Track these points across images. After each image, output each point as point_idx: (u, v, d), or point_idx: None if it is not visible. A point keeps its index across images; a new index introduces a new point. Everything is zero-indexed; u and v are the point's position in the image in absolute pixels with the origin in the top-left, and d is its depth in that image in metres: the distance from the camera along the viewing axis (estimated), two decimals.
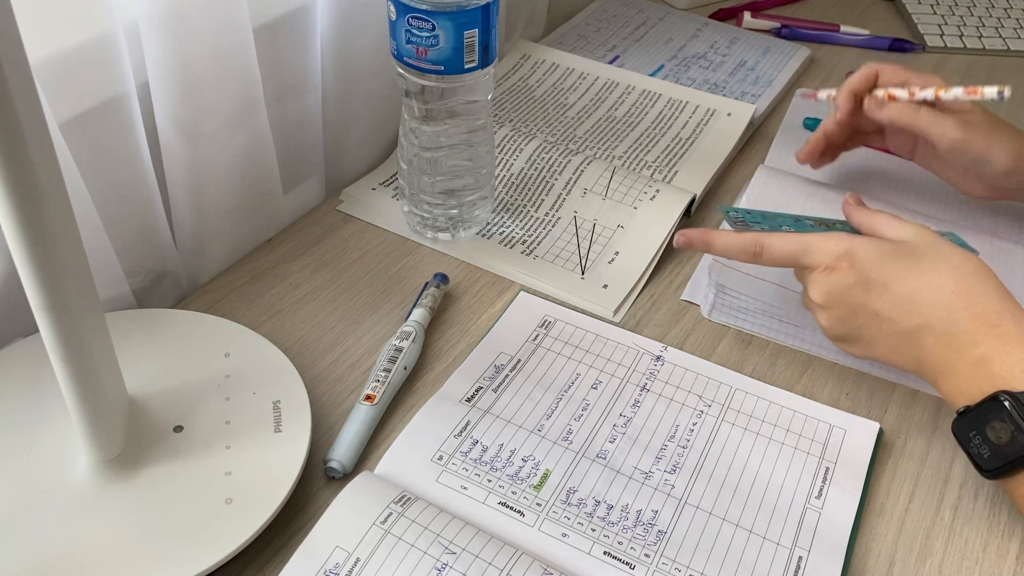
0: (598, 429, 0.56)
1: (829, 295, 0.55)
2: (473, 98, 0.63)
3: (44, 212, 0.40)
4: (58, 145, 0.50)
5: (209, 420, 0.52)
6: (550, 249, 0.70)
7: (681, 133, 0.83)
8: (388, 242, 0.71)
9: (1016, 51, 1.02)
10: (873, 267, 0.53)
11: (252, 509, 0.48)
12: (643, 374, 0.60)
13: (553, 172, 0.76)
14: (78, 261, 0.43)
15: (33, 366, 0.53)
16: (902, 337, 0.53)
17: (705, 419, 0.57)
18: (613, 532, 0.50)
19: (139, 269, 0.62)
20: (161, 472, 0.49)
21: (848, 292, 0.54)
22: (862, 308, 0.54)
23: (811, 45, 1.01)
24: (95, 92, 0.54)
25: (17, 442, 0.50)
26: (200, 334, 0.58)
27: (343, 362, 0.61)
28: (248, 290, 0.66)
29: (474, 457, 0.54)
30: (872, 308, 0.53)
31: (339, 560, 0.47)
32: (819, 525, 0.52)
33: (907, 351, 0.53)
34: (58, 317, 0.43)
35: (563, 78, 0.90)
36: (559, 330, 0.63)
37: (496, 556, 0.47)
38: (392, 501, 0.49)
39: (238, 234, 0.67)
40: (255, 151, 0.65)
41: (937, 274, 0.52)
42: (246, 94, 0.62)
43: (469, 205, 0.69)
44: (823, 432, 0.57)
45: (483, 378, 0.59)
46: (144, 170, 0.59)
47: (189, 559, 0.45)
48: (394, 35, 0.60)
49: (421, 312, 0.62)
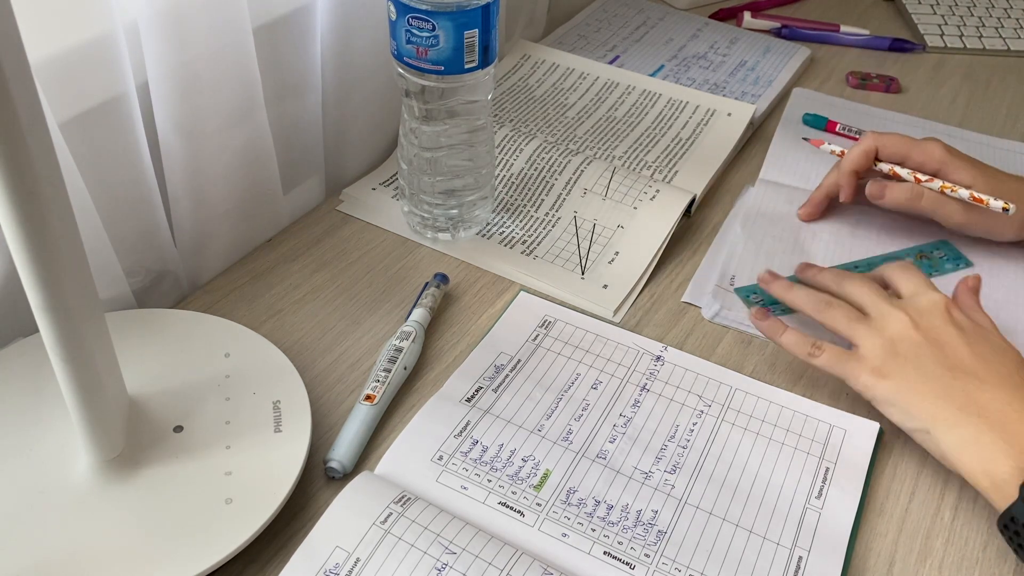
0: (598, 429, 0.56)
1: (903, 320, 0.55)
2: (473, 98, 0.63)
3: (44, 212, 0.40)
4: (58, 145, 0.50)
5: (209, 420, 0.52)
6: (550, 249, 0.70)
7: (681, 133, 0.83)
8: (388, 242, 0.71)
9: (1016, 51, 1.02)
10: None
11: (252, 509, 0.48)
12: (643, 374, 0.60)
13: (553, 172, 0.76)
14: (78, 261, 0.43)
15: (33, 366, 0.53)
16: (956, 379, 0.53)
17: (705, 419, 0.57)
18: (613, 532, 0.50)
19: (139, 269, 0.62)
20: (161, 472, 0.49)
21: (933, 318, 0.55)
22: (931, 341, 0.54)
23: (811, 45, 1.01)
24: (95, 92, 0.54)
25: (17, 442, 0.50)
26: (200, 334, 0.58)
27: (343, 362, 0.61)
28: (248, 290, 0.66)
29: (474, 457, 0.54)
30: (941, 341, 0.54)
31: (339, 560, 0.47)
32: (819, 525, 0.52)
33: (956, 396, 0.52)
34: (58, 317, 0.43)
35: (563, 78, 0.90)
36: (559, 330, 0.63)
37: (496, 556, 0.47)
38: (392, 501, 0.49)
39: (238, 234, 0.67)
40: (255, 151, 0.65)
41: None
42: (246, 94, 0.62)
43: (469, 205, 0.69)
44: (823, 432, 0.57)
45: (483, 378, 0.59)
46: (144, 170, 0.59)
47: (189, 559, 0.45)
48: (394, 35, 0.60)
49: (421, 312, 0.62)
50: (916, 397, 0.53)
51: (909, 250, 0.71)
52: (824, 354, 0.57)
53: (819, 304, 0.59)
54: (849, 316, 0.57)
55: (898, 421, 0.54)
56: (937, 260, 0.70)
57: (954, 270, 0.69)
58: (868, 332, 0.56)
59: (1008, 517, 0.48)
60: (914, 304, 0.57)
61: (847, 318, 0.57)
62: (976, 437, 0.50)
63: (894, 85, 0.94)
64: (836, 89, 0.94)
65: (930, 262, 0.70)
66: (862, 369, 0.55)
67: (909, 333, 0.55)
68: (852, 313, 0.58)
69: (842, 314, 0.58)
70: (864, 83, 0.94)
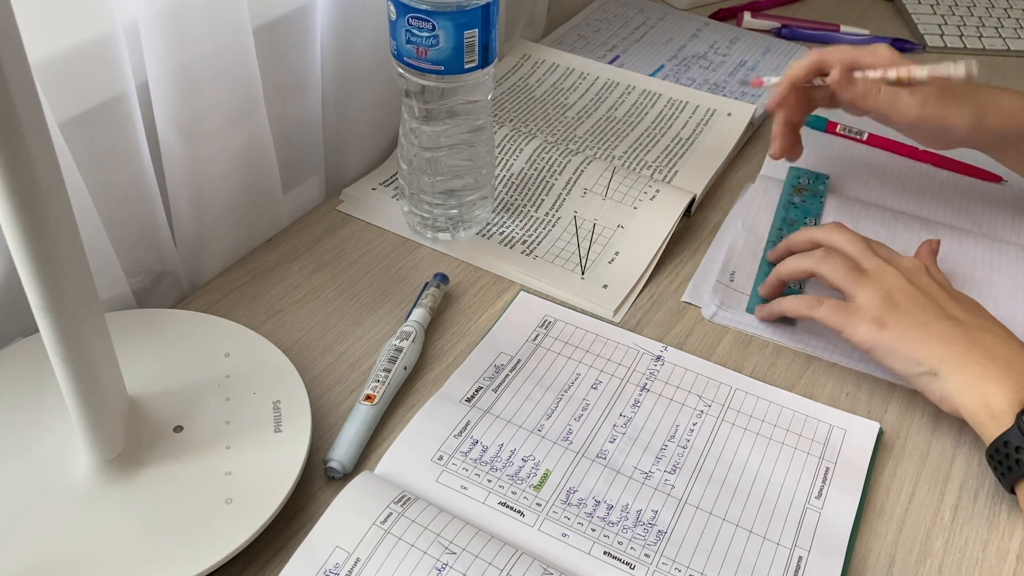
0: (598, 429, 0.56)
1: (897, 275, 0.58)
2: (473, 98, 0.63)
3: (44, 212, 0.40)
4: (58, 145, 0.50)
5: (209, 420, 0.52)
6: (550, 249, 0.70)
7: (681, 133, 0.83)
8: (388, 242, 0.71)
9: (1016, 51, 1.02)
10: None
11: (252, 509, 0.48)
12: (643, 374, 0.60)
13: (553, 172, 0.76)
14: (78, 261, 0.43)
15: (33, 366, 0.53)
16: (956, 327, 0.55)
17: (705, 419, 0.57)
18: (613, 532, 0.50)
19: (139, 269, 0.62)
20: (161, 472, 0.49)
21: (919, 276, 0.58)
22: (923, 293, 0.57)
23: (811, 45, 1.01)
24: (95, 92, 0.54)
25: (17, 442, 0.50)
26: (200, 334, 0.58)
27: (343, 362, 0.61)
28: (248, 290, 0.66)
29: (474, 457, 0.54)
30: (932, 294, 0.57)
31: (339, 560, 0.47)
32: (819, 525, 0.52)
33: (960, 340, 0.54)
34: (58, 317, 0.43)
35: (563, 78, 0.90)
36: (559, 330, 0.63)
37: (496, 556, 0.47)
38: (392, 501, 0.49)
39: (238, 234, 0.67)
40: (255, 151, 0.65)
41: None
42: (246, 94, 0.62)
43: (469, 205, 0.69)
44: (823, 432, 0.57)
45: (483, 378, 0.59)
46: (144, 170, 0.59)
47: (189, 559, 0.45)
48: (394, 35, 0.60)
49: (421, 312, 0.62)
50: (919, 343, 0.55)
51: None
52: (823, 306, 0.59)
53: (816, 256, 0.61)
54: (847, 266, 0.60)
55: (900, 369, 0.56)
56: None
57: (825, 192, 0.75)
58: (866, 283, 0.58)
59: (1001, 442, 0.51)
60: (900, 263, 0.60)
61: (846, 267, 0.60)
62: (982, 375, 0.53)
63: None
64: None
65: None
66: (861, 318, 0.57)
67: (904, 285, 0.58)
68: (849, 263, 0.60)
69: (841, 263, 0.60)
70: None
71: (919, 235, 0.71)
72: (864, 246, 0.61)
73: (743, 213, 0.74)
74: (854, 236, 0.62)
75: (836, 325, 0.58)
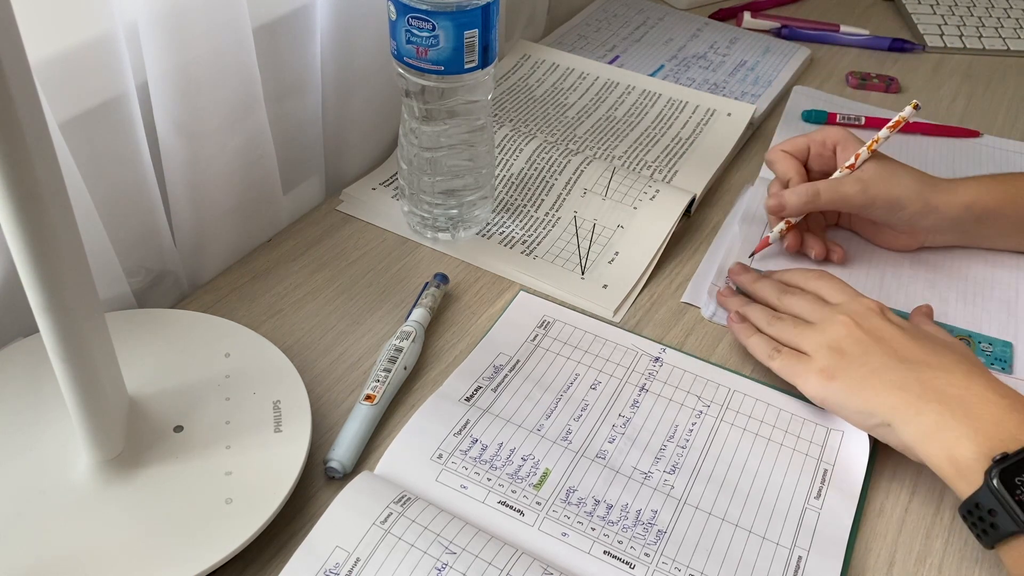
0: (597, 429, 0.56)
1: (844, 322, 0.56)
2: (473, 98, 0.63)
3: (44, 212, 0.40)
4: (58, 145, 0.50)
5: (209, 420, 0.52)
6: (550, 249, 0.70)
7: (681, 133, 0.83)
8: (388, 242, 0.71)
9: (1016, 51, 1.02)
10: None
11: (252, 509, 0.48)
12: (642, 375, 0.60)
13: (553, 172, 0.76)
14: (78, 261, 0.43)
15: (33, 366, 0.53)
16: (910, 371, 0.52)
17: (704, 419, 0.57)
18: (613, 531, 0.50)
19: (139, 269, 0.62)
20: (161, 472, 0.49)
21: (869, 319, 0.56)
22: (875, 339, 0.54)
23: (811, 45, 1.01)
24: (95, 92, 0.54)
25: (17, 442, 0.50)
26: (200, 334, 0.58)
27: (343, 362, 0.61)
28: (248, 290, 0.66)
29: (474, 456, 0.54)
30: (885, 337, 0.54)
31: (339, 560, 0.47)
32: (818, 525, 0.52)
33: (912, 386, 0.52)
34: (58, 317, 0.43)
35: (563, 78, 0.90)
36: (558, 330, 0.63)
37: (496, 556, 0.47)
38: (392, 501, 0.49)
39: (238, 234, 0.67)
40: (255, 151, 0.65)
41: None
42: (246, 94, 0.62)
43: (469, 205, 0.69)
44: (821, 434, 0.57)
45: (482, 378, 0.59)
46: (144, 170, 0.59)
47: (189, 559, 0.45)
48: (394, 35, 0.60)
49: (421, 312, 0.62)
50: (870, 392, 0.53)
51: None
52: (780, 356, 0.57)
53: (768, 318, 0.60)
54: (795, 323, 0.58)
55: (855, 422, 0.54)
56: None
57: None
58: (812, 334, 0.57)
59: (972, 503, 0.48)
60: (850, 308, 0.57)
61: (793, 325, 0.58)
62: (939, 423, 0.50)
63: (894, 85, 0.94)
64: (836, 89, 0.94)
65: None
66: (810, 370, 0.55)
67: (853, 331, 0.55)
68: (797, 322, 0.58)
69: (789, 324, 0.59)
70: (864, 83, 0.94)
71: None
72: (810, 301, 0.59)
73: (740, 215, 0.74)
74: (802, 296, 0.60)
75: (789, 378, 0.57)
